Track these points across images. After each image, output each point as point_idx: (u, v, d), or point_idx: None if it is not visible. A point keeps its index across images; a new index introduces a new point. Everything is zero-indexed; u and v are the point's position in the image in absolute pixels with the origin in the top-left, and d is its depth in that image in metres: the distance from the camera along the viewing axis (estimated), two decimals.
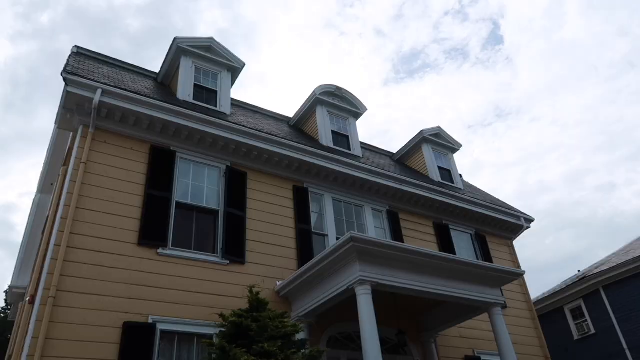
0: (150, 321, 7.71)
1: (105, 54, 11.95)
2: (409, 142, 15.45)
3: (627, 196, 65.91)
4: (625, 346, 16.91)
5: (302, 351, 6.94)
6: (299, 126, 14.01)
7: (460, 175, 15.65)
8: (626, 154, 64.12)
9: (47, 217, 9.79)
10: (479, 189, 16.43)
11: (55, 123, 9.42)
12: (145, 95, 9.35)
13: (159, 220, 8.69)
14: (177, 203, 9.16)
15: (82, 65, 10.08)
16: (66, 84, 8.58)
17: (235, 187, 9.96)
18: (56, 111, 9.19)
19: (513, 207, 14.90)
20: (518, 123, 76.46)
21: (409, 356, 10.15)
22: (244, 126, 10.32)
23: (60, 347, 6.90)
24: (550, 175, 72.42)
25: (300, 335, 7.84)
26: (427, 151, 14.88)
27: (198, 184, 9.68)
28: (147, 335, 7.57)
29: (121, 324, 7.47)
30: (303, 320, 8.44)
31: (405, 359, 10.07)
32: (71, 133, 9.53)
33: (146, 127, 9.33)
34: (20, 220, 53.66)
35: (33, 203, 12.39)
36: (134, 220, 8.48)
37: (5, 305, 24.88)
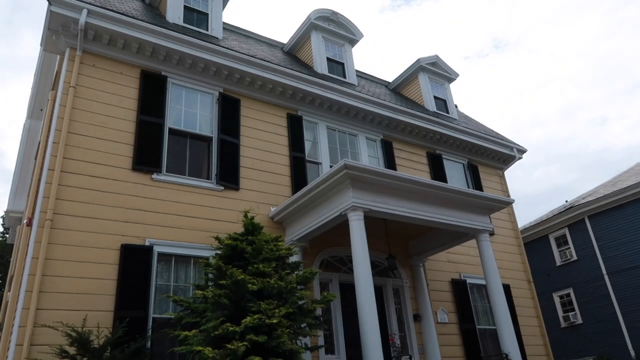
0: (147, 244, 7.92)
1: None
2: (405, 71, 15.17)
3: (618, 130, 66.13)
4: (604, 271, 17.72)
5: (295, 272, 7.21)
6: (293, 52, 13.66)
7: (456, 106, 15.55)
8: (621, 89, 63.55)
9: (39, 142, 9.73)
10: (473, 120, 16.40)
11: (41, 45, 9.10)
12: (133, 17, 9.00)
13: (152, 146, 8.68)
14: (170, 129, 9.09)
15: None
16: (50, 3, 8.21)
17: (229, 114, 9.86)
18: (41, 34, 8.86)
19: (506, 138, 14.96)
20: (516, 55, 74.84)
21: (398, 279, 10.59)
22: (236, 51, 10.05)
23: (60, 267, 7.11)
24: (544, 109, 72.11)
25: (293, 258, 8.13)
26: (423, 80, 14.66)
27: (191, 110, 9.57)
28: (145, 257, 7.80)
29: (119, 246, 7.67)
30: (296, 244, 8.69)
31: (394, 281, 10.51)
32: (58, 56, 9.25)
33: (135, 51, 9.06)
34: (10, 148, 53.29)
35: (24, 129, 12.25)
36: (127, 146, 8.46)
37: (4, 230, 25.31)
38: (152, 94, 9.08)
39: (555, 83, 72.00)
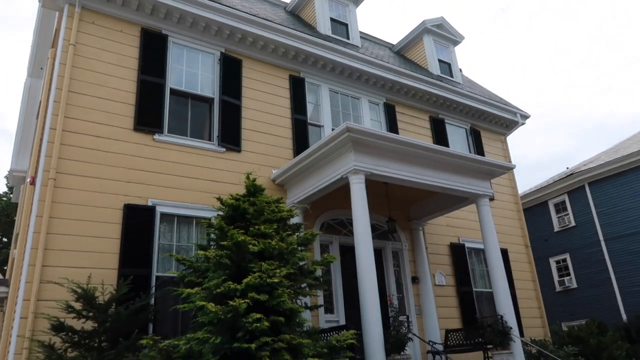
0: (149, 204, 8.00)
1: None
2: (409, 33, 14.90)
3: (623, 98, 65.38)
4: (601, 238, 17.91)
5: (296, 234, 7.30)
6: (296, 12, 13.37)
7: (460, 70, 15.34)
8: (629, 57, 62.37)
9: (40, 101, 9.68)
10: (477, 84, 16.21)
11: (39, 1, 8.92)
12: None
13: (154, 107, 8.64)
14: (171, 90, 9.03)
15: None
16: None
17: (231, 75, 9.75)
18: None
19: (509, 103, 14.83)
20: (524, 17, 73.17)
21: (398, 242, 10.73)
22: (238, 10, 9.84)
23: (65, 225, 7.21)
24: (549, 74, 71.08)
25: (294, 220, 8.21)
26: (428, 43, 14.41)
27: (192, 71, 9.46)
28: (148, 217, 7.89)
29: (122, 205, 7.75)
30: (298, 206, 8.77)
31: (393, 244, 10.66)
32: (57, 13, 9.07)
33: (135, 8, 8.88)
34: (11, 108, 52.96)
35: (24, 87, 12.15)
36: (129, 106, 8.42)
37: (7, 190, 25.49)
38: (153, 54, 8.97)
39: (562, 47, 70.69)
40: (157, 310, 7.33)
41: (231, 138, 9.27)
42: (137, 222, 7.77)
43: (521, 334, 10.25)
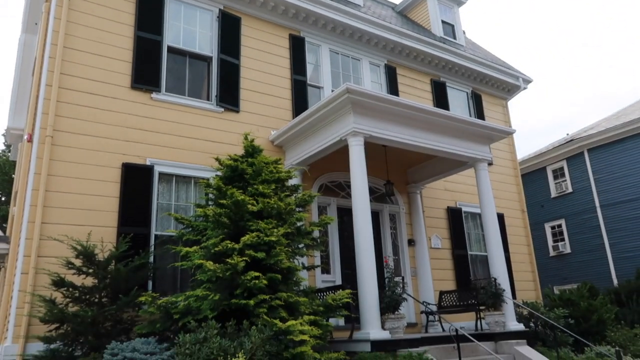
0: (148, 163, 7.99)
1: None
2: None
3: (628, 66, 64.49)
4: (597, 204, 18.04)
5: (294, 195, 7.34)
6: None
7: (464, 32, 15.03)
8: (636, 26, 61.16)
9: (35, 58, 9.50)
10: (480, 47, 15.93)
11: None
12: None
13: (151, 64, 8.50)
14: (169, 47, 8.86)
15: None
16: None
17: (229, 33, 9.56)
18: None
19: (512, 67, 14.62)
20: None
21: (395, 205, 10.80)
22: None
23: (63, 183, 7.22)
24: (554, 39, 69.84)
25: (293, 181, 8.24)
26: (431, 3, 14.06)
27: (190, 28, 9.26)
28: (146, 176, 7.90)
29: (120, 164, 7.74)
30: (296, 167, 8.77)
31: (391, 207, 10.73)
32: None
33: None
34: (6, 65, 52.06)
35: (19, 43, 11.90)
36: (125, 63, 8.28)
37: (5, 149, 25.37)
38: (150, 9, 8.75)
39: (567, 16, 69.18)
40: (156, 268, 7.43)
41: (230, 98, 9.17)
42: (136, 181, 7.78)
43: (514, 296, 10.47)
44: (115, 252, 6.69)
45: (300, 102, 10.05)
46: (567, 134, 22.26)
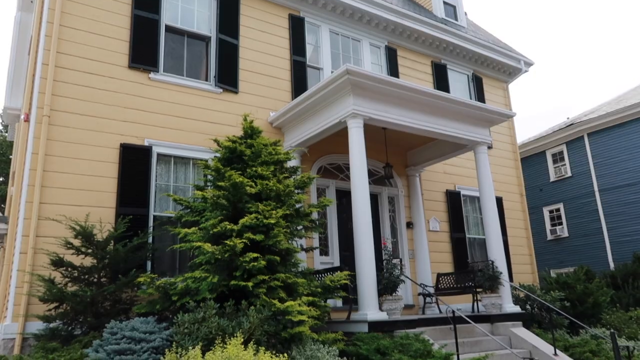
0: (146, 144, 7.94)
1: None
2: None
3: (631, 50, 63.99)
4: (595, 188, 18.06)
5: (293, 177, 7.32)
6: None
7: (465, 13, 14.84)
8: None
9: (31, 36, 9.38)
10: (482, 29, 15.75)
11: None
12: None
13: (149, 44, 8.40)
14: (167, 26, 8.75)
15: None
16: None
17: (228, 13, 9.42)
18: None
19: (514, 49, 14.47)
20: None
21: (394, 187, 10.79)
22: None
23: (61, 163, 7.19)
24: (557, 22, 69.15)
25: (292, 163, 8.21)
26: None
27: (188, 7, 9.13)
28: (144, 157, 7.86)
29: (118, 145, 7.69)
30: (295, 149, 8.73)
31: (390, 190, 10.72)
32: None
33: None
34: (1, 45, 51.46)
35: (14, 22, 11.74)
36: (123, 42, 8.18)
37: (2, 129, 25.23)
38: None
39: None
40: (155, 249, 7.44)
41: (228, 79, 9.09)
42: (134, 162, 7.75)
43: (511, 279, 10.52)
44: (114, 232, 6.70)
45: (299, 83, 9.96)
46: (568, 118, 22.19)
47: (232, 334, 5.12)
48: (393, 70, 11.54)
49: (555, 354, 7.33)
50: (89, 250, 6.47)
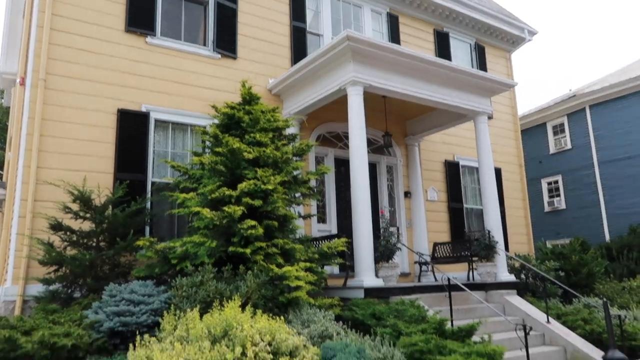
0: (143, 109, 7.88)
1: None
2: None
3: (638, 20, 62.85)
4: (595, 161, 18.02)
5: (292, 144, 7.29)
6: None
7: None
8: None
9: None
10: None
11: None
12: None
13: (145, 7, 8.23)
14: None
15: None
16: None
17: None
18: None
19: (517, 18, 14.20)
20: None
21: (393, 157, 10.77)
22: None
23: (58, 128, 7.14)
24: None
25: (290, 130, 8.16)
26: None
27: None
28: (142, 122, 7.81)
29: (115, 110, 7.63)
30: (294, 116, 8.67)
31: (388, 159, 10.71)
32: None
33: None
34: None
35: None
36: (119, 5, 8.02)
37: None
38: None
39: None
40: (153, 214, 7.48)
41: (227, 44, 8.94)
42: (132, 127, 7.70)
43: (507, 249, 10.61)
44: (112, 197, 6.71)
45: (299, 49, 9.81)
46: (570, 90, 21.97)
47: (229, 298, 5.19)
48: (394, 37, 11.35)
49: (548, 322, 7.46)
50: (87, 215, 6.49)
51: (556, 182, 19.59)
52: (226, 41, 8.94)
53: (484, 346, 5.21)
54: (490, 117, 10.78)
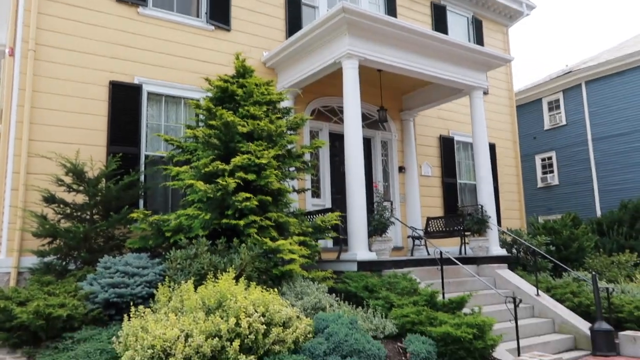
0: (136, 82, 7.78)
1: None
2: None
3: None
4: (589, 137, 18.08)
5: (286, 118, 7.25)
6: None
7: None
8: None
9: None
10: None
11: None
12: None
13: None
14: None
15: None
16: None
17: None
18: None
19: None
20: None
21: (387, 132, 10.75)
22: None
23: (49, 100, 7.06)
24: None
25: (285, 104, 8.11)
26: None
27: None
28: (134, 95, 7.72)
29: (107, 82, 7.53)
30: (288, 90, 8.60)
31: (383, 134, 10.68)
32: None
33: None
34: None
35: None
36: None
37: None
38: None
39: None
40: (147, 187, 7.46)
41: (220, 15, 8.79)
42: (124, 100, 7.62)
43: (499, 224, 10.72)
44: (105, 170, 6.69)
45: (294, 22, 9.66)
46: (566, 66, 21.85)
47: (223, 270, 5.24)
48: (391, 10, 11.20)
49: (538, 295, 7.60)
50: (81, 188, 6.48)
51: (550, 158, 19.67)
52: (220, 13, 8.78)
53: (474, 317, 5.31)
54: (485, 93, 10.74)
